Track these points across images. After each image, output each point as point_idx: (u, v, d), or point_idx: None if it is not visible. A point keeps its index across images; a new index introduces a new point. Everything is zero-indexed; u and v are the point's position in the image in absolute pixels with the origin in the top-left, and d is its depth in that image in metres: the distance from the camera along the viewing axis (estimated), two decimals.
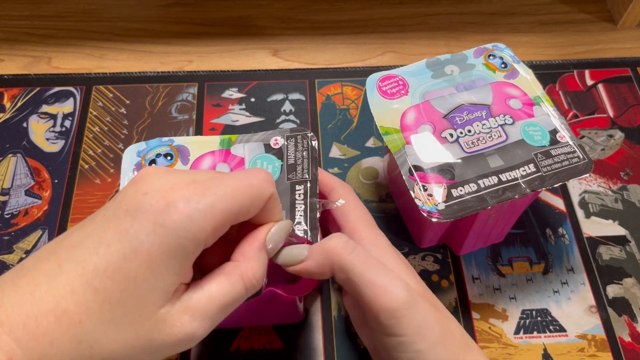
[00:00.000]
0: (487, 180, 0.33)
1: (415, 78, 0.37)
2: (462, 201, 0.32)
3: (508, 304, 0.40)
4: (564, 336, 0.39)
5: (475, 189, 0.32)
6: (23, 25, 0.56)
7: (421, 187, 0.32)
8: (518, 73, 0.38)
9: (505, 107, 0.36)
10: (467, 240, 0.39)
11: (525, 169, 0.33)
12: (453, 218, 0.31)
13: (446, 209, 0.32)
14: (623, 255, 0.42)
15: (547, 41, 0.55)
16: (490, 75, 0.37)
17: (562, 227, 0.44)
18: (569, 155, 0.34)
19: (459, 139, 0.34)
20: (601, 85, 0.51)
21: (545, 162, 0.33)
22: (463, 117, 0.35)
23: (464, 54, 0.38)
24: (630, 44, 0.55)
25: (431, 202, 0.32)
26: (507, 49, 0.39)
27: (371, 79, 0.37)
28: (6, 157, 0.47)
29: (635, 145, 0.48)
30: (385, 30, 0.56)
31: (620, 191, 0.45)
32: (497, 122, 0.35)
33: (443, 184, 0.32)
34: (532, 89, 0.37)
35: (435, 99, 0.36)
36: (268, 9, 0.57)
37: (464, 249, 0.41)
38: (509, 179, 0.33)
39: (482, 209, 0.32)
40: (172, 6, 0.57)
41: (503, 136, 0.34)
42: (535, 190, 0.32)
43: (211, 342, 0.39)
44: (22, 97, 0.50)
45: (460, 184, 0.32)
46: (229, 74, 0.52)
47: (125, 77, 0.52)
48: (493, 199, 0.32)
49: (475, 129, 0.35)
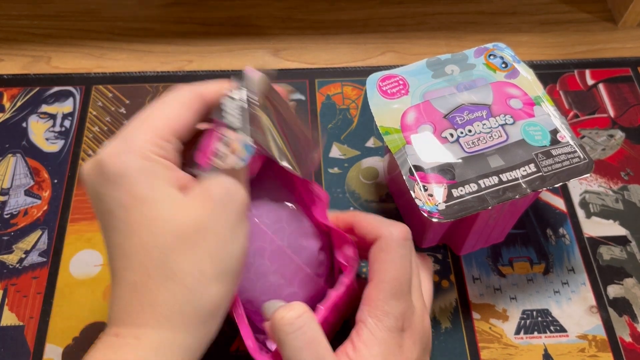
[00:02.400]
0: (487, 180, 0.33)
1: (415, 78, 0.37)
2: (462, 201, 0.32)
3: (508, 304, 0.40)
4: (565, 336, 0.39)
5: (476, 189, 0.32)
6: (23, 25, 0.56)
7: (421, 187, 0.32)
8: (519, 73, 0.37)
9: (505, 107, 0.36)
10: (467, 240, 0.39)
11: (526, 169, 0.33)
12: (453, 218, 0.31)
13: (447, 209, 0.31)
14: (624, 256, 0.42)
15: (547, 41, 0.55)
16: (491, 75, 0.37)
17: (562, 227, 0.43)
18: (569, 155, 0.34)
19: (460, 139, 0.34)
20: (602, 85, 0.51)
21: (545, 162, 0.33)
22: (463, 117, 0.35)
23: (464, 53, 0.38)
24: (630, 44, 0.55)
25: (432, 202, 0.32)
26: (508, 49, 0.39)
27: (371, 78, 0.37)
28: (5, 157, 0.47)
29: (636, 145, 0.48)
30: (386, 30, 0.56)
31: (621, 191, 0.45)
32: (498, 122, 0.35)
33: (443, 184, 0.32)
34: (533, 89, 0.37)
35: (435, 99, 0.36)
36: (268, 8, 0.57)
37: (464, 249, 0.41)
38: (509, 179, 0.33)
39: (482, 209, 0.32)
40: (172, 6, 0.57)
41: (504, 136, 0.34)
42: (535, 190, 0.32)
43: (211, 341, 0.38)
44: (21, 97, 0.50)
45: (461, 184, 0.32)
46: (229, 74, 0.52)
47: (125, 76, 0.52)
48: (494, 199, 0.32)
49: (476, 128, 0.35)
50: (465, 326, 0.39)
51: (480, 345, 0.39)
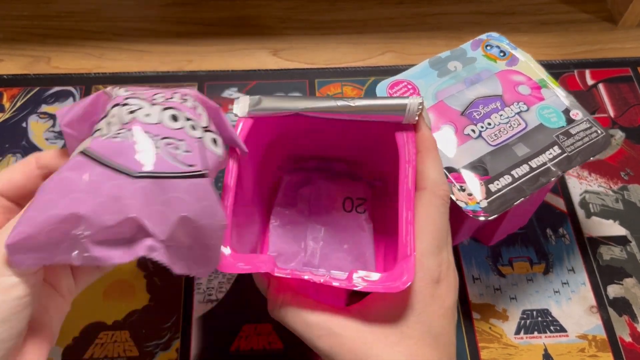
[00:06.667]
0: (519, 169, 0.33)
1: (422, 80, 0.37)
2: (501, 194, 0.32)
3: (508, 304, 0.40)
4: (565, 336, 0.39)
5: (511, 180, 0.33)
6: (23, 25, 0.56)
7: (459, 188, 0.33)
8: (518, 59, 0.38)
9: (516, 95, 0.36)
10: (499, 230, 0.39)
11: (551, 152, 0.34)
12: (498, 213, 0.32)
13: (489, 205, 0.32)
14: (624, 256, 0.42)
15: (547, 41, 0.55)
16: (493, 65, 0.38)
17: (562, 227, 0.43)
18: (587, 131, 0.35)
19: (482, 134, 0.35)
20: (602, 85, 0.51)
21: (567, 142, 0.34)
22: (480, 111, 0.35)
23: (462, 48, 0.39)
24: (630, 44, 0.55)
25: (473, 202, 0.32)
26: (502, 37, 0.39)
27: (380, 87, 0.37)
28: (5, 157, 0.47)
29: (635, 145, 0.48)
30: (385, 30, 0.56)
31: (621, 191, 0.45)
32: (513, 110, 0.36)
33: (479, 181, 0.33)
34: (535, 73, 0.37)
35: (448, 98, 0.36)
36: (268, 8, 0.57)
37: (495, 239, 0.41)
38: (538, 164, 0.33)
39: (523, 198, 0.32)
40: (172, 6, 0.57)
41: (522, 124, 0.35)
42: (565, 171, 0.33)
43: (211, 342, 0.39)
44: (21, 97, 0.50)
45: (495, 177, 0.33)
46: (228, 74, 0.52)
47: (124, 76, 0.52)
48: (530, 187, 0.32)
49: (494, 120, 0.35)
50: (465, 326, 0.39)
51: (480, 345, 0.39)
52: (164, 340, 0.39)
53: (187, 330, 0.39)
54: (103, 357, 0.38)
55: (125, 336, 0.39)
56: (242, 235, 0.30)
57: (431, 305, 0.26)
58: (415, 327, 0.25)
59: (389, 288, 0.25)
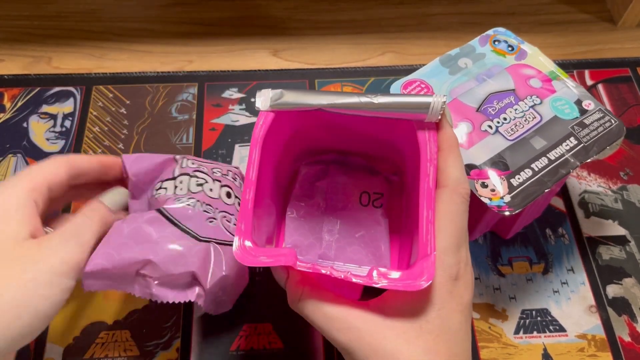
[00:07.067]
0: (538, 162, 0.34)
1: (434, 79, 0.37)
2: (524, 188, 0.33)
3: (508, 303, 0.40)
4: (564, 336, 0.39)
5: (531, 174, 0.33)
6: (23, 25, 0.56)
7: (481, 184, 0.33)
8: (526, 52, 0.39)
9: (528, 88, 0.37)
10: (517, 223, 0.40)
11: (568, 143, 0.34)
12: (522, 207, 0.32)
13: (512, 199, 0.32)
14: (623, 255, 0.42)
15: (547, 41, 0.55)
16: (502, 60, 0.38)
17: (562, 227, 0.44)
18: (601, 120, 0.35)
19: (499, 129, 0.35)
20: (601, 85, 0.51)
21: (582, 132, 0.35)
22: (494, 107, 0.36)
23: (470, 44, 0.39)
24: (630, 44, 0.55)
25: (497, 197, 0.32)
26: (508, 32, 0.40)
27: (394, 87, 0.37)
28: (6, 157, 0.47)
29: (635, 145, 0.48)
30: (385, 30, 0.56)
31: (620, 191, 0.45)
32: (527, 104, 0.36)
33: (501, 177, 0.33)
34: (545, 65, 0.38)
35: (462, 95, 0.36)
36: (268, 9, 0.57)
37: (512, 232, 0.42)
38: (556, 156, 0.34)
39: (545, 190, 0.32)
40: (172, 6, 0.57)
41: (537, 117, 0.35)
42: (583, 162, 0.34)
43: (211, 342, 0.39)
44: (22, 97, 0.50)
45: (516, 172, 0.33)
46: (229, 74, 0.52)
47: (125, 77, 0.52)
48: (551, 180, 0.33)
49: (509, 115, 0.35)
50: None
51: (479, 344, 0.39)
52: (165, 339, 0.39)
53: (188, 330, 0.39)
54: (104, 356, 0.38)
55: (126, 336, 0.39)
56: (260, 226, 0.30)
57: (450, 302, 0.26)
58: (434, 322, 0.26)
59: (409, 286, 0.25)
